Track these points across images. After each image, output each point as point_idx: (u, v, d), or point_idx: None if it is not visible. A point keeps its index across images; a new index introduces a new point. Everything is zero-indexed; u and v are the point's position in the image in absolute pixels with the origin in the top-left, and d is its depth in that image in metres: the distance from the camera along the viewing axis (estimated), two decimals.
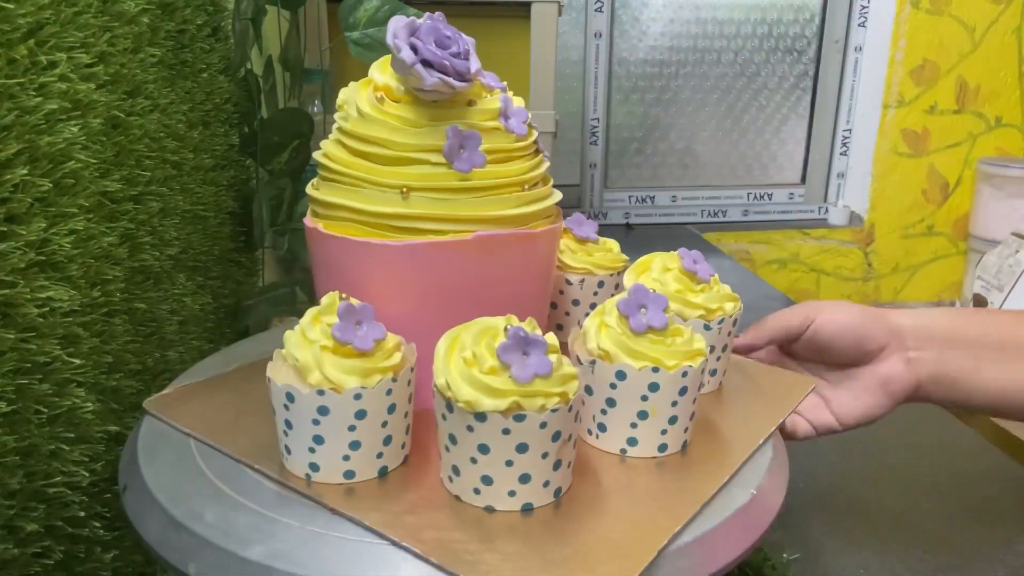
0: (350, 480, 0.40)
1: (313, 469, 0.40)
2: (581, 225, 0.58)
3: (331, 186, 0.46)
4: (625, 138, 2.03)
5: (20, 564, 0.40)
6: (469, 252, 0.44)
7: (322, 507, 0.38)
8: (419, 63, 0.42)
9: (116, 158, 0.49)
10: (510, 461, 0.36)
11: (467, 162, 0.43)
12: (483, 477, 0.37)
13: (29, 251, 0.40)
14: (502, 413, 0.35)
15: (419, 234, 0.44)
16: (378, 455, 0.40)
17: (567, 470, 0.39)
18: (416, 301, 0.45)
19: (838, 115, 2.03)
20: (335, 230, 0.45)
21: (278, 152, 0.79)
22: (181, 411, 0.46)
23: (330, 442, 0.39)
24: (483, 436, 0.36)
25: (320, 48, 1.05)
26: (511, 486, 0.37)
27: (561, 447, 0.37)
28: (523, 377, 0.35)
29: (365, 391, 0.38)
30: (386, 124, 0.44)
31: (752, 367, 0.55)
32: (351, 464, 0.39)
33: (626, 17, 1.94)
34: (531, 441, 0.36)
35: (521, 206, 0.45)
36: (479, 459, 0.36)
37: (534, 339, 0.36)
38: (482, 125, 0.44)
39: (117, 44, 0.50)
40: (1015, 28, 1.98)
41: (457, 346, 0.37)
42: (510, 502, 0.37)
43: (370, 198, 0.44)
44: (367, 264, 0.45)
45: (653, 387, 0.41)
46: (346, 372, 0.38)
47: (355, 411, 0.38)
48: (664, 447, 0.43)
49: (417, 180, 0.43)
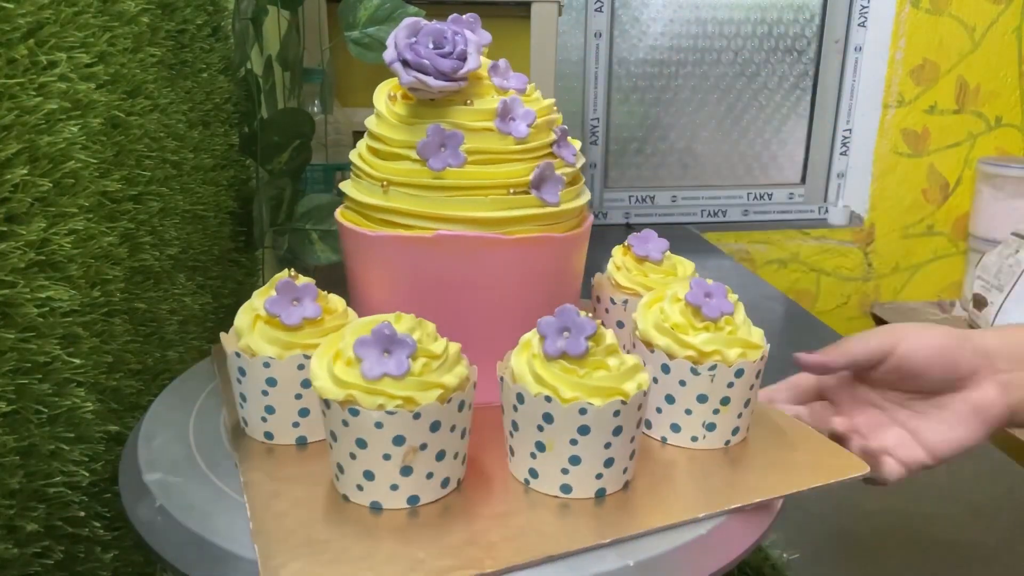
0: (270, 441, 0.43)
1: (244, 423, 0.44)
2: (644, 243, 0.53)
3: (351, 179, 0.49)
4: (625, 138, 2.03)
5: (20, 564, 0.40)
6: (432, 250, 0.44)
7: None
8: (397, 62, 0.43)
9: (116, 158, 0.49)
10: (353, 454, 0.37)
11: (442, 160, 0.44)
12: (337, 464, 0.38)
13: (29, 251, 0.40)
14: (340, 403, 0.36)
15: (393, 227, 0.45)
16: (294, 424, 0.43)
17: (427, 481, 0.37)
18: (392, 292, 0.46)
19: (838, 115, 2.03)
20: (344, 218, 0.48)
21: (278, 152, 0.79)
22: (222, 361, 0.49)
23: (250, 401, 0.43)
24: (331, 423, 0.37)
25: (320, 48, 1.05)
26: (357, 480, 0.37)
27: (408, 453, 0.36)
28: (369, 374, 0.35)
29: (274, 361, 0.41)
30: (388, 121, 0.46)
31: (799, 435, 0.45)
32: (269, 426, 0.43)
33: (626, 17, 1.94)
34: (368, 438, 0.36)
35: (500, 210, 0.44)
36: (332, 445, 0.38)
37: (400, 340, 0.36)
38: (471, 125, 0.45)
39: (117, 44, 0.50)
40: (1015, 28, 1.98)
41: (339, 336, 0.38)
42: (359, 496, 0.38)
43: (362, 189, 0.47)
44: (357, 252, 0.48)
45: (547, 418, 0.37)
46: (267, 341, 0.42)
47: (266, 378, 0.42)
48: (567, 488, 0.38)
49: (397, 175, 0.45)
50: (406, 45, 0.43)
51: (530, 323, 0.41)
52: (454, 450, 0.38)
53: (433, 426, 0.36)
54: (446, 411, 0.36)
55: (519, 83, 0.47)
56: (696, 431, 0.43)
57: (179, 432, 0.44)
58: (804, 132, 2.08)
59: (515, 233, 0.45)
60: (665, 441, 0.45)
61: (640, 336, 0.44)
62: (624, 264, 0.54)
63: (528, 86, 0.48)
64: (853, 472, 0.41)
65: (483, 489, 0.39)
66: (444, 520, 0.37)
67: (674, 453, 0.44)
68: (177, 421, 0.46)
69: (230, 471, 0.41)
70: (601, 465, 0.38)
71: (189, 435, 0.44)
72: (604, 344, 0.38)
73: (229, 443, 0.43)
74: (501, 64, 0.47)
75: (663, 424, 0.44)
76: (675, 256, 0.54)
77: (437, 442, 0.37)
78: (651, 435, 0.45)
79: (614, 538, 0.35)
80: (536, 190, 0.45)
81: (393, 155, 0.45)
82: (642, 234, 0.54)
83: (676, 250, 0.55)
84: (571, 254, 0.49)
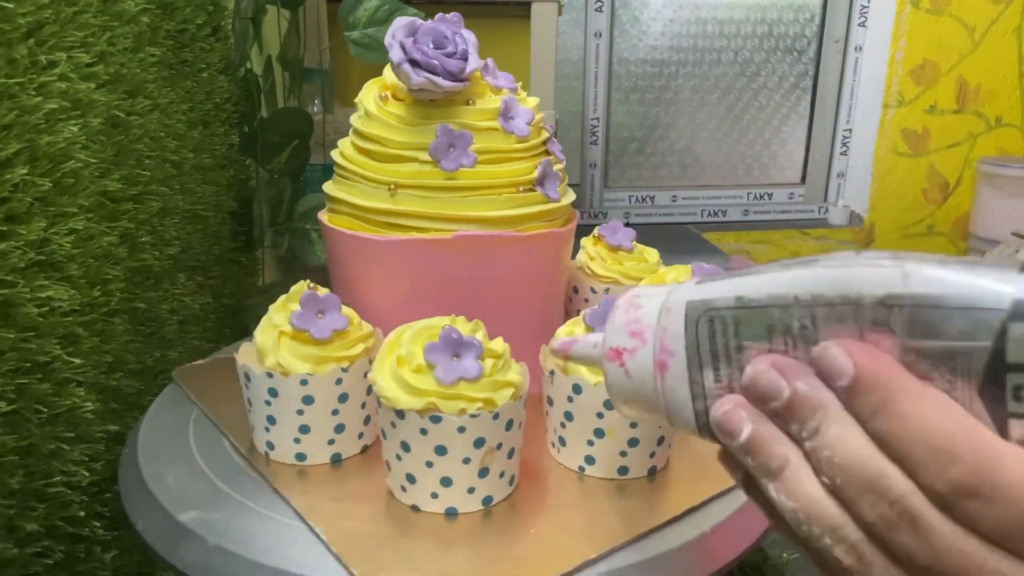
0: (301, 463, 0.41)
1: (269, 447, 0.42)
2: (615, 233, 0.55)
3: (338, 181, 0.48)
4: (625, 138, 2.03)
5: (20, 564, 0.40)
6: (450, 251, 0.44)
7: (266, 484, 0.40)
8: (407, 62, 0.43)
9: (116, 158, 0.49)
10: (430, 462, 0.36)
11: (454, 161, 0.44)
12: (407, 475, 0.37)
13: (29, 251, 0.40)
14: (418, 412, 0.35)
15: (404, 231, 0.44)
16: (330, 441, 0.41)
17: (500, 480, 0.38)
18: (402, 297, 0.46)
19: (838, 115, 2.03)
20: (336, 223, 0.47)
21: (278, 152, 0.79)
22: (199, 382, 0.49)
23: (281, 423, 0.40)
24: (403, 434, 0.36)
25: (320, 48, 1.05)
26: (433, 488, 0.37)
27: (487, 454, 0.36)
28: (446, 379, 0.35)
29: (312, 378, 0.39)
30: (384, 122, 0.45)
31: None
32: (302, 447, 0.41)
33: (626, 17, 1.94)
34: (449, 444, 0.36)
35: (512, 208, 0.45)
36: (402, 456, 0.37)
37: (468, 342, 0.36)
38: (477, 125, 0.44)
39: (117, 44, 0.50)
40: (1015, 28, 1.98)
41: (397, 344, 0.38)
42: (433, 504, 0.37)
43: (363, 193, 0.45)
44: (360, 258, 0.46)
45: (608, 405, 0.39)
46: (299, 358, 0.39)
47: (302, 396, 0.40)
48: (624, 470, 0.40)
49: (405, 177, 0.44)
50: (413, 46, 0.43)
51: (536, 316, 0.42)
52: (519, 446, 0.39)
53: (508, 424, 0.37)
54: (517, 408, 0.37)
55: (509, 82, 0.47)
56: None
57: (189, 467, 0.42)
58: (804, 132, 2.08)
59: (526, 230, 0.46)
60: None
61: None
62: (598, 254, 0.56)
63: (517, 85, 0.48)
64: None
65: (538, 482, 0.40)
66: (519, 517, 0.38)
67: None
68: (179, 457, 0.43)
69: (267, 498, 0.39)
70: (655, 444, 0.40)
71: (202, 468, 0.41)
72: None
73: (254, 470, 0.41)
74: (490, 63, 0.47)
75: None
76: (639, 244, 0.57)
77: (510, 440, 0.38)
78: None
79: (687, 507, 0.38)
80: (541, 187, 0.45)
81: (398, 157, 0.45)
82: (611, 225, 0.56)
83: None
84: (566, 248, 0.50)
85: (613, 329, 0.26)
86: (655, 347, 0.24)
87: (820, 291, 0.21)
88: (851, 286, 0.20)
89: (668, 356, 0.24)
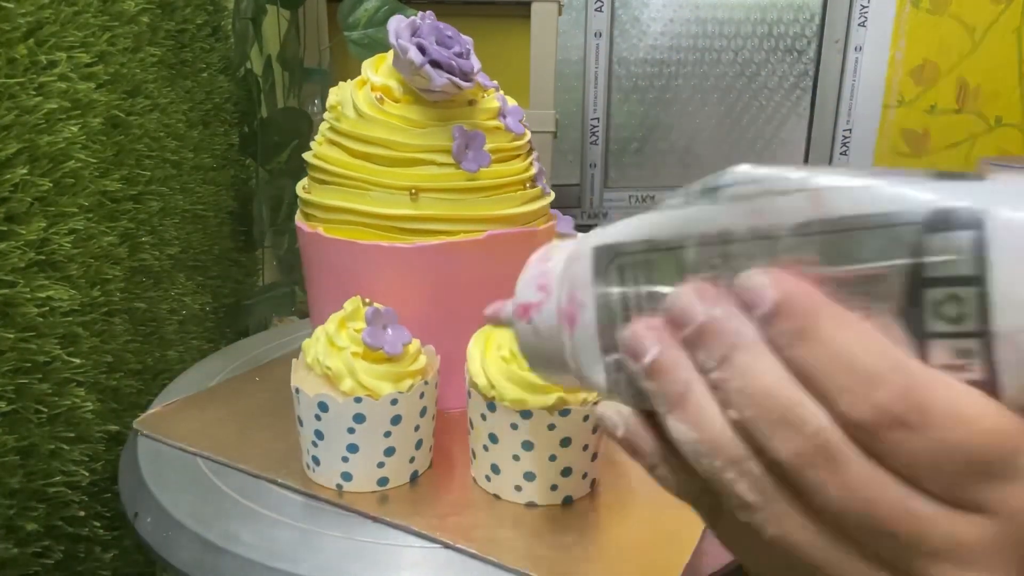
0: (384, 487, 0.39)
1: (345, 479, 0.39)
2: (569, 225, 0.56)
3: (330, 189, 0.45)
4: (625, 138, 2.03)
5: (20, 563, 0.40)
6: (481, 251, 0.44)
7: (358, 515, 0.37)
8: (428, 64, 0.42)
9: (116, 157, 0.49)
10: (553, 456, 0.37)
11: (474, 162, 0.43)
12: (526, 473, 0.37)
13: (29, 251, 0.40)
14: (548, 409, 0.36)
15: (429, 235, 0.43)
16: (410, 460, 0.40)
17: (597, 462, 0.40)
18: (429, 303, 0.45)
19: (838, 115, 2.03)
20: (338, 234, 0.44)
21: (278, 152, 0.79)
22: (179, 429, 0.45)
23: (364, 449, 0.38)
24: (528, 433, 0.36)
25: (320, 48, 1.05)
26: (554, 480, 0.38)
27: (599, 438, 0.38)
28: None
29: (401, 396, 0.37)
30: (388, 125, 0.44)
31: None
32: (385, 471, 0.39)
33: (626, 17, 1.94)
34: (574, 435, 0.37)
35: (525, 204, 0.46)
36: (522, 456, 0.37)
37: None
38: (484, 124, 0.45)
39: (117, 44, 0.50)
40: (1015, 28, 1.98)
41: (493, 345, 0.38)
42: (551, 496, 0.38)
43: (378, 201, 0.43)
44: (377, 267, 0.44)
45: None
46: (379, 378, 0.37)
47: (391, 416, 0.38)
48: None
49: (425, 181, 0.43)
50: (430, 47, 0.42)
51: None
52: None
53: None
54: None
55: (488, 80, 0.47)
56: None
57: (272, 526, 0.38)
58: (804, 132, 2.08)
59: (538, 224, 0.47)
60: None
61: None
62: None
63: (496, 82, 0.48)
64: None
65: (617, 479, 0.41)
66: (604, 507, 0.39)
67: None
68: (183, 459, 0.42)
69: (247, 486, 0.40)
70: None
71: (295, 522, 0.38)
72: None
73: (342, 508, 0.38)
74: None
75: None
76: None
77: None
78: None
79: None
80: (539, 182, 0.46)
81: (413, 161, 0.43)
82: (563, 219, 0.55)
83: None
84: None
85: (522, 284, 0.24)
86: (561, 299, 0.22)
87: (730, 227, 0.19)
88: (761, 219, 0.19)
89: (577, 308, 0.22)
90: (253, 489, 0.40)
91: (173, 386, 0.51)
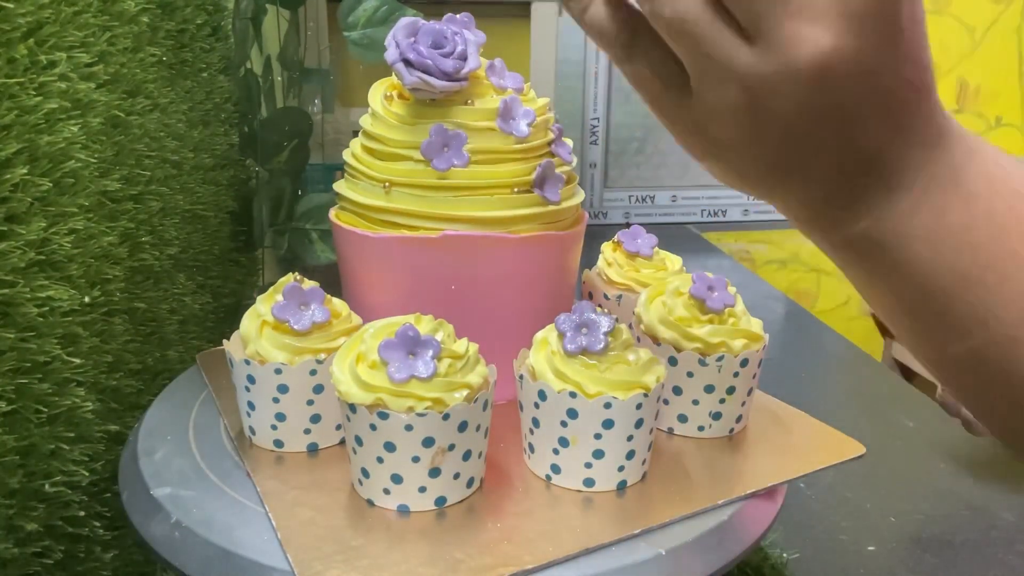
0: (279, 449, 0.43)
1: (252, 432, 0.43)
2: (634, 239, 0.54)
3: (347, 179, 0.49)
4: (625, 138, 2.03)
5: (20, 564, 0.40)
6: (438, 250, 0.44)
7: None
8: (400, 62, 0.43)
9: (116, 157, 0.49)
10: (380, 458, 0.37)
11: (446, 161, 0.44)
12: (361, 469, 0.38)
13: (29, 251, 0.40)
14: (367, 407, 0.36)
15: (397, 228, 0.45)
16: (306, 431, 0.42)
17: (455, 481, 0.38)
18: (394, 294, 0.46)
19: None
20: (343, 220, 0.48)
21: (278, 152, 0.79)
22: (217, 365, 0.49)
23: (259, 410, 0.42)
24: (355, 428, 0.37)
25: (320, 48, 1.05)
26: (384, 484, 0.37)
27: (437, 454, 0.36)
28: (397, 376, 0.35)
29: (286, 367, 0.40)
30: (386, 121, 0.46)
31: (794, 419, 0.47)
32: (279, 434, 0.42)
33: None
34: (397, 442, 0.36)
35: (503, 209, 0.45)
36: (357, 450, 0.37)
37: (424, 341, 0.36)
38: (473, 125, 0.45)
39: (117, 43, 0.50)
40: (1015, 28, 1.98)
41: (359, 339, 0.38)
42: (385, 499, 0.38)
43: (363, 191, 0.46)
44: (359, 254, 0.47)
45: (571, 413, 0.38)
46: (277, 347, 0.41)
47: (277, 384, 0.41)
48: (590, 482, 0.39)
49: (399, 175, 0.45)
50: (408, 45, 0.43)
51: (531, 320, 0.41)
52: (478, 449, 0.38)
53: (461, 426, 0.37)
54: (473, 411, 0.37)
55: (516, 83, 0.47)
56: (703, 420, 0.45)
57: (180, 445, 0.43)
58: None
59: (519, 232, 0.45)
60: (672, 431, 0.46)
61: (645, 330, 0.45)
62: (615, 260, 0.55)
63: (525, 85, 0.48)
64: (852, 453, 0.44)
65: (505, 486, 0.40)
66: (473, 520, 0.37)
67: (681, 443, 0.45)
68: (175, 433, 0.44)
69: (241, 481, 0.40)
70: (623, 457, 0.39)
71: (191, 447, 0.43)
72: (621, 339, 0.39)
73: (236, 453, 0.43)
74: (497, 64, 0.47)
75: (670, 415, 0.46)
76: (663, 251, 0.55)
77: (464, 442, 0.37)
78: (658, 426, 0.45)
79: (644, 528, 0.36)
80: (539, 189, 0.45)
81: (394, 155, 0.45)
82: (631, 230, 0.55)
83: (676, 250, 0.56)
84: (570, 251, 0.49)
85: None
86: None
87: None
88: None
89: None
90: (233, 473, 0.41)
91: (173, 386, 0.51)
